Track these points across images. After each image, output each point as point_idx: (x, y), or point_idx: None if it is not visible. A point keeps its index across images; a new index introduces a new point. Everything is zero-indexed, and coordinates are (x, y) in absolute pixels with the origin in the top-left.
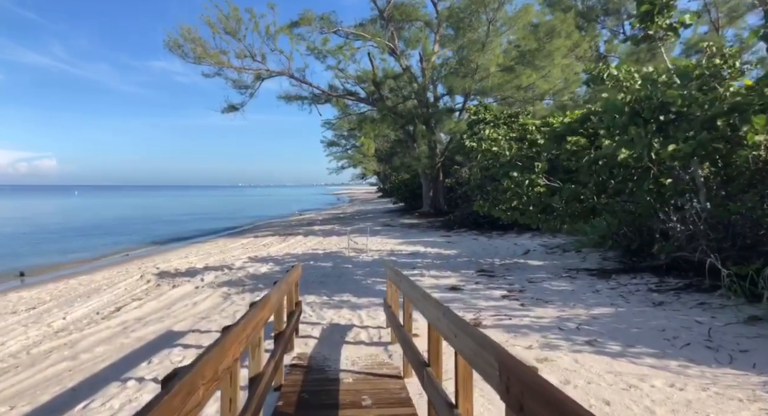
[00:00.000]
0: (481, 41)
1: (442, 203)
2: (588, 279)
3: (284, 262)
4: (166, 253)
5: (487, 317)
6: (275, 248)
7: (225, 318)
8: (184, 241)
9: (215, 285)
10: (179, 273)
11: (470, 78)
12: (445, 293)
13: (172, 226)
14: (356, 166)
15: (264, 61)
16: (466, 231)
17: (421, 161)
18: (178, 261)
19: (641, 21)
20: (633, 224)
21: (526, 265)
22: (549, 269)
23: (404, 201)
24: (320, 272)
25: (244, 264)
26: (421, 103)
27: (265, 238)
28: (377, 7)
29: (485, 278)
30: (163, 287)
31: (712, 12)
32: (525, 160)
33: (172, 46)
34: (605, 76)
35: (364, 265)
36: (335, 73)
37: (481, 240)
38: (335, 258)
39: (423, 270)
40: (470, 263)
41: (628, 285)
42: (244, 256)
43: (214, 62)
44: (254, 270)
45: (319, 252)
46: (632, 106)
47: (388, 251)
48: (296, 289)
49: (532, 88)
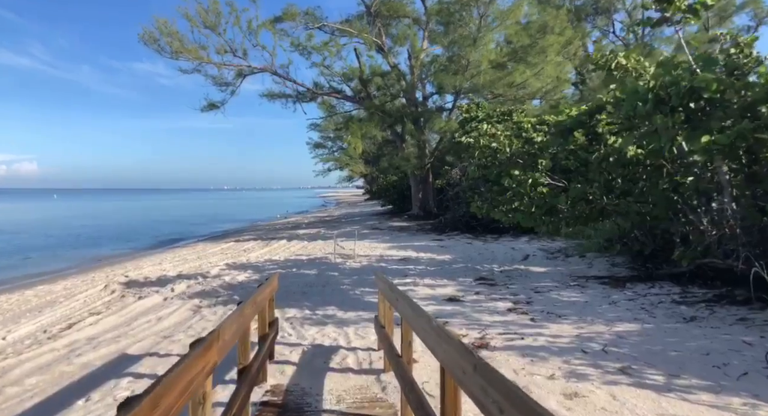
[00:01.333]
0: (473, 36)
1: (431, 205)
2: (600, 289)
3: (264, 269)
4: (140, 259)
5: (494, 335)
6: (256, 254)
7: (190, 338)
8: (161, 246)
9: (186, 296)
10: (149, 282)
11: (461, 75)
12: (443, 305)
13: (151, 230)
14: (343, 168)
15: (246, 56)
16: (459, 234)
17: (410, 162)
18: (150, 269)
19: (658, 1)
20: (645, 227)
21: (528, 272)
22: (554, 276)
23: (393, 203)
24: (303, 281)
25: (221, 271)
26: (409, 102)
27: (247, 243)
28: (364, 3)
29: (486, 287)
30: (128, 298)
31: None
32: (527, 157)
33: (148, 39)
34: (613, 65)
35: (351, 273)
36: (320, 71)
37: (476, 245)
38: (320, 265)
39: (416, 278)
40: (467, 270)
41: (648, 296)
42: (221, 263)
43: (192, 57)
44: (231, 278)
45: (303, 258)
46: (656, 93)
47: (377, 257)
48: (271, 306)
49: (524, 87)
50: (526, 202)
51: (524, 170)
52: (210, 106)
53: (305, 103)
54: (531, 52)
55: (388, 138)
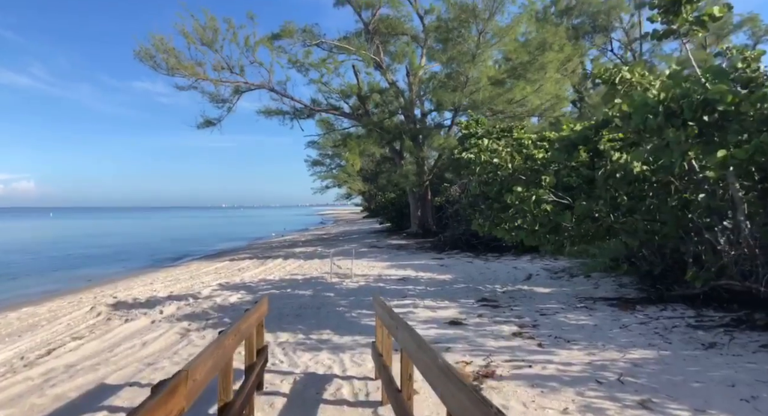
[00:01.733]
0: (471, 53)
1: (430, 223)
2: (609, 311)
3: (257, 290)
4: (132, 279)
5: (500, 363)
6: (251, 273)
7: (175, 365)
8: (155, 266)
9: (175, 318)
10: (137, 303)
11: (460, 91)
12: (445, 329)
13: (146, 249)
14: (341, 185)
15: (243, 73)
16: (459, 253)
17: (408, 179)
18: (141, 289)
19: (665, 13)
20: (653, 246)
21: (532, 293)
22: (560, 298)
23: (391, 221)
24: (297, 302)
25: (213, 292)
26: (408, 119)
27: (242, 262)
28: (362, 20)
29: (489, 309)
30: (114, 321)
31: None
32: (529, 173)
33: (144, 56)
34: (617, 80)
35: (348, 293)
36: (318, 87)
37: (477, 264)
38: (316, 285)
39: (416, 299)
40: (468, 290)
41: (661, 319)
42: (214, 283)
43: (188, 74)
44: (222, 300)
45: (299, 277)
46: (667, 105)
47: (375, 276)
48: (260, 332)
49: (524, 104)
50: (529, 220)
51: (527, 187)
52: (206, 122)
53: (303, 119)
54: (530, 68)
55: (386, 155)
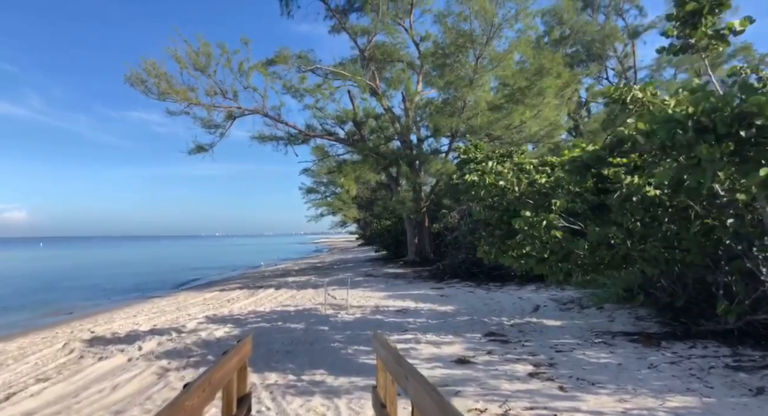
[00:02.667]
0: (469, 78)
1: (428, 251)
2: (631, 348)
3: (246, 323)
4: (115, 311)
5: (519, 411)
6: (240, 304)
7: (146, 413)
8: (141, 296)
9: (154, 356)
10: (116, 338)
11: (457, 117)
12: (451, 368)
13: (133, 279)
14: (336, 213)
15: (236, 98)
16: (459, 282)
17: (405, 205)
18: (122, 322)
19: (682, 25)
20: (672, 275)
21: (542, 326)
22: (573, 332)
23: (387, 249)
24: (289, 337)
25: (198, 325)
26: (404, 145)
27: (232, 292)
28: (357, 47)
29: (498, 345)
30: (86, 360)
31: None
32: (537, 196)
33: (135, 81)
34: (628, 99)
35: (344, 327)
36: (313, 113)
37: (479, 294)
38: (309, 318)
39: (417, 333)
40: (473, 323)
41: (693, 358)
42: (201, 315)
43: (180, 99)
44: (207, 334)
45: (291, 309)
46: (697, 119)
47: (372, 307)
48: (242, 377)
49: (521, 130)
50: (538, 247)
51: (536, 211)
52: (198, 148)
53: (297, 145)
54: (528, 93)
55: (381, 181)
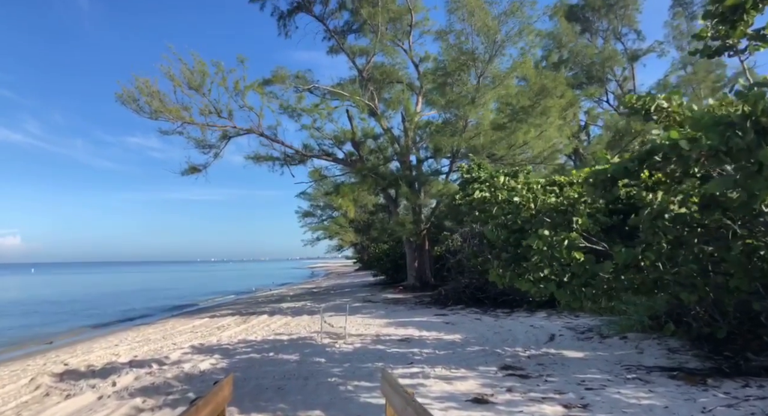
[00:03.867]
0: (471, 96)
1: (428, 275)
2: (673, 386)
3: (234, 353)
4: (97, 340)
5: None
6: (230, 332)
7: None
8: (128, 323)
9: (128, 393)
10: (90, 371)
11: (459, 136)
12: (468, 410)
13: (123, 305)
14: (332, 237)
15: (231, 117)
16: (464, 308)
17: (405, 227)
18: (101, 353)
19: (720, 23)
20: (707, 301)
21: (563, 358)
22: (599, 365)
23: (385, 273)
24: (281, 370)
25: (183, 356)
26: (404, 165)
27: (224, 318)
28: (356, 67)
29: (518, 380)
30: (52, 398)
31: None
32: (555, 214)
33: (126, 99)
34: (652, 108)
35: (342, 358)
36: (310, 133)
37: (487, 321)
38: (303, 348)
39: (425, 366)
40: (485, 354)
41: (752, 401)
42: (187, 344)
43: (173, 117)
44: (191, 366)
45: (284, 338)
46: (756, 120)
47: (372, 336)
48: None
49: (524, 150)
50: (557, 269)
51: (555, 229)
52: (192, 169)
53: (293, 166)
54: (532, 113)
55: (379, 204)
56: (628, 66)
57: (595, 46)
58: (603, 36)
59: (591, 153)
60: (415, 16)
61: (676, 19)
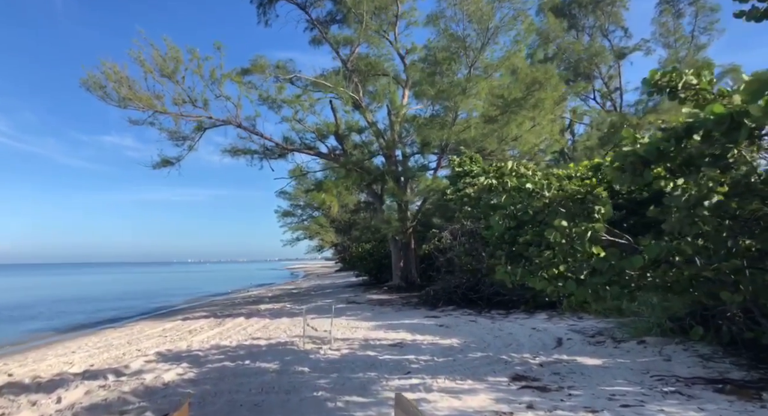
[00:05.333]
0: (462, 86)
1: (414, 275)
2: (724, 402)
3: (206, 361)
4: (54, 346)
5: None
6: (202, 336)
7: None
8: (94, 326)
9: (73, 412)
10: (35, 384)
11: (448, 129)
12: None
13: (92, 307)
14: (313, 237)
15: (207, 107)
16: (456, 309)
17: (391, 224)
18: (53, 361)
19: None
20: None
21: (579, 366)
22: (625, 374)
23: (369, 273)
24: (258, 382)
25: (145, 365)
26: (389, 161)
27: (197, 321)
28: (340, 57)
29: (536, 393)
30: None
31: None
32: (572, 203)
33: (92, 85)
34: (680, 85)
35: (328, 367)
36: (292, 125)
37: (483, 323)
38: (284, 355)
39: (425, 376)
40: (491, 361)
41: None
42: (152, 351)
43: (144, 106)
44: (154, 378)
45: (262, 343)
46: None
47: (360, 340)
48: None
49: (515, 146)
50: (576, 265)
51: (573, 220)
52: (164, 162)
53: (273, 160)
54: (525, 105)
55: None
56: (614, 64)
57: (581, 43)
58: (589, 33)
59: (582, 148)
60: (401, 6)
61: (664, 16)
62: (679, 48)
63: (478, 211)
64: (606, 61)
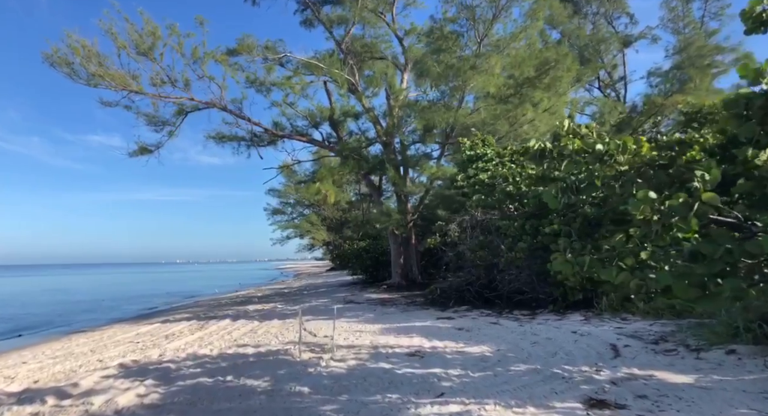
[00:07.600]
0: (471, 62)
1: (415, 272)
2: None
3: (177, 377)
4: (5, 355)
5: None
6: (179, 343)
7: None
8: (65, 330)
9: None
10: None
11: (455, 111)
12: None
13: (67, 309)
14: (303, 235)
15: (188, 88)
16: (470, 309)
17: (392, 217)
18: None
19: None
20: None
21: (665, 385)
22: (740, 398)
23: (365, 271)
24: (243, 408)
25: (100, 381)
26: (387, 149)
27: (177, 324)
28: (333, 38)
29: None
30: None
31: None
32: (655, 171)
33: (57, 61)
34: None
35: (334, 386)
36: (282, 110)
37: (509, 326)
38: (276, 367)
39: (465, 398)
40: (543, 378)
41: None
42: (115, 362)
43: (117, 85)
44: (105, 401)
45: (249, 351)
46: None
47: (368, 347)
48: None
49: (528, 130)
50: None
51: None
52: (141, 149)
53: (262, 147)
54: (539, 85)
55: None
56: (618, 53)
57: (586, 30)
58: (593, 20)
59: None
60: None
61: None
62: (688, 34)
63: (492, 199)
64: (614, 47)
